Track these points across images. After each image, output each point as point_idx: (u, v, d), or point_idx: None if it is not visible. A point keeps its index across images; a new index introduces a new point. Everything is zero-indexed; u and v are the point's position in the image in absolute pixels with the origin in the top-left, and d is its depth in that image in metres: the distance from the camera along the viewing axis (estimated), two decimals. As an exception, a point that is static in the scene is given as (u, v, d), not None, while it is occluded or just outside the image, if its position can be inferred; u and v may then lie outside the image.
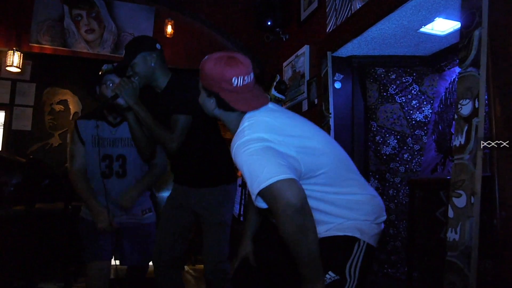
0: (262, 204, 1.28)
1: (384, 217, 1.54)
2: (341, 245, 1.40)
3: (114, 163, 2.36)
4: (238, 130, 1.40)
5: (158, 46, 2.18)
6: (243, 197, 3.53)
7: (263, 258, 1.72)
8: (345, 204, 1.44)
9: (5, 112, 4.81)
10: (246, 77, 1.44)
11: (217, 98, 1.47)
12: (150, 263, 2.51)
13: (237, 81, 1.42)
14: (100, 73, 2.35)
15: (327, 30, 3.27)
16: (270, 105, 1.51)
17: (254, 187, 1.23)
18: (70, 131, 2.43)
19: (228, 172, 2.35)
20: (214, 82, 1.45)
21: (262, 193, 1.23)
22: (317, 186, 1.40)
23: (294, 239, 1.21)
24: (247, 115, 1.44)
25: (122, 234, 2.44)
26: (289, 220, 1.18)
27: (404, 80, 3.19)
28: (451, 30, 2.70)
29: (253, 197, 1.26)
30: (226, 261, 2.28)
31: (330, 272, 1.35)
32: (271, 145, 1.30)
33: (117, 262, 2.54)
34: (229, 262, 2.32)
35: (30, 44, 4.61)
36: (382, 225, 1.53)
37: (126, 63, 2.13)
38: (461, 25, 1.96)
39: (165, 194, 5.03)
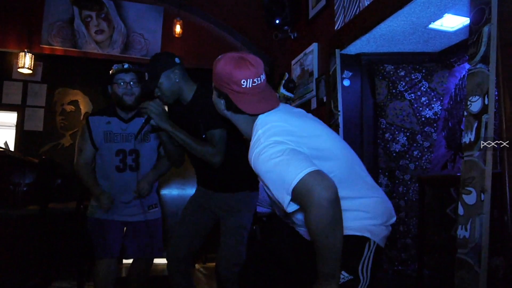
0: (292, 207, 1.25)
1: (394, 219, 1.52)
2: (353, 245, 1.39)
3: (127, 157, 2.43)
4: (254, 140, 1.38)
5: (177, 60, 2.17)
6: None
7: (276, 256, 1.72)
8: (354, 208, 1.42)
9: (17, 113, 4.87)
10: (256, 79, 1.42)
11: (226, 99, 1.46)
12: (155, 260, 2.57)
13: (246, 83, 1.40)
14: (110, 72, 2.41)
15: (336, 28, 3.27)
16: (279, 106, 1.49)
17: (287, 186, 1.19)
18: (81, 126, 2.51)
19: (251, 179, 2.35)
20: (223, 83, 1.43)
21: (295, 190, 1.18)
22: None
23: (326, 231, 1.17)
24: (259, 122, 1.42)
25: (125, 232, 2.51)
26: (324, 211, 1.15)
27: (413, 77, 3.18)
28: (460, 26, 2.68)
29: (286, 200, 1.21)
30: (241, 264, 2.29)
31: (343, 272, 1.34)
32: (289, 146, 1.28)
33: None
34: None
35: (41, 45, 4.67)
36: (390, 228, 1.52)
37: (152, 87, 2.14)
38: (470, 21, 1.95)
39: (165, 191, 5.10)
